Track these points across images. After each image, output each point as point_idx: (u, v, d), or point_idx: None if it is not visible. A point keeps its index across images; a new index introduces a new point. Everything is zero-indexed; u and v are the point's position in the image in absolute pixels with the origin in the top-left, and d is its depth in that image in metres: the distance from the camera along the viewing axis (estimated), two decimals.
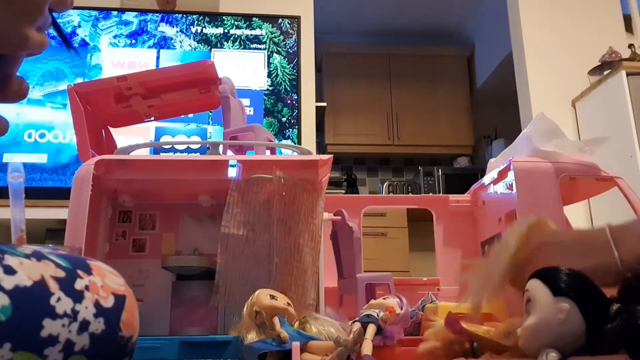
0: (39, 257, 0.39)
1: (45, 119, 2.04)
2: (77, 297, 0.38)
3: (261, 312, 0.69)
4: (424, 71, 3.85)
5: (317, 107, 2.55)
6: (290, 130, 2.26)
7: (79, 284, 0.39)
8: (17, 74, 0.43)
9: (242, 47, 2.32)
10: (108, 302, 0.41)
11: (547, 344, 0.50)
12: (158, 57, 2.24)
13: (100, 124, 1.03)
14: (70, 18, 2.21)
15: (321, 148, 3.68)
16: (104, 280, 0.42)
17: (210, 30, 2.31)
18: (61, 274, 0.39)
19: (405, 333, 0.75)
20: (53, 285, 0.37)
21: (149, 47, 2.25)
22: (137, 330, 0.43)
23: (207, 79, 1.00)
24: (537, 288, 0.53)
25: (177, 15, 2.29)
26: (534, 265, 0.57)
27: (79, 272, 0.40)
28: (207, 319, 0.87)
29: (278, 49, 2.34)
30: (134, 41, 2.25)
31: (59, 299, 0.37)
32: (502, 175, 0.98)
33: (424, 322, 0.78)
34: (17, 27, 0.38)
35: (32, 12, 0.38)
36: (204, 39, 2.30)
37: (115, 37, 2.23)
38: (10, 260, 0.36)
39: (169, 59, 2.25)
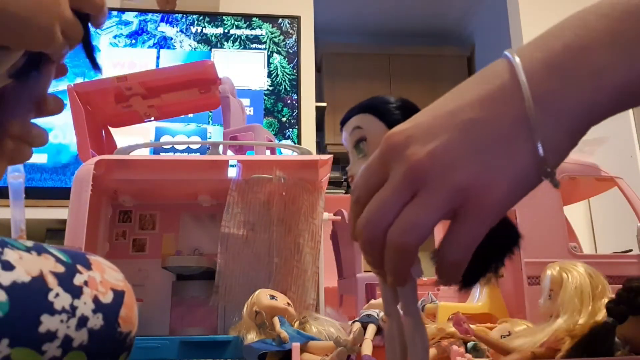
0: (40, 250, 0.39)
1: (45, 119, 2.04)
2: (76, 292, 0.38)
3: (261, 312, 0.68)
4: (424, 71, 3.84)
5: (317, 107, 2.55)
6: (290, 130, 2.26)
7: (78, 280, 0.39)
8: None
9: (242, 47, 2.32)
10: (107, 298, 0.41)
11: None
12: (158, 57, 2.24)
13: (100, 124, 1.03)
14: None
15: (321, 148, 3.68)
16: (103, 276, 0.42)
17: (210, 30, 2.31)
18: (61, 269, 0.39)
19: None
20: (52, 281, 0.37)
21: (149, 47, 2.25)
22: (136, 326, 0.43)
23: (207, 79, 1.00)
24: (370, 123, 0.45)
25: (177, 15, 2.29)
26: None
27: (79, 267, 0.40)
28: (207, 319, 0.87)
29: (278, 49, 2.34)
30: (134, 41, 2.25)
31: (57, 295, 0.37)
32: None
33: None
34: (46, 20, 0.38)
35: (58, 7, 0.39)
36: (204, 39, 2.30)
37: (115, 37, 2.23)
38: (9, 255, 0.36)
39: (169, 59, 2.25)
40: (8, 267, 0.35)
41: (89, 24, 0.44)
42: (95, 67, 0.47)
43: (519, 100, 0.27)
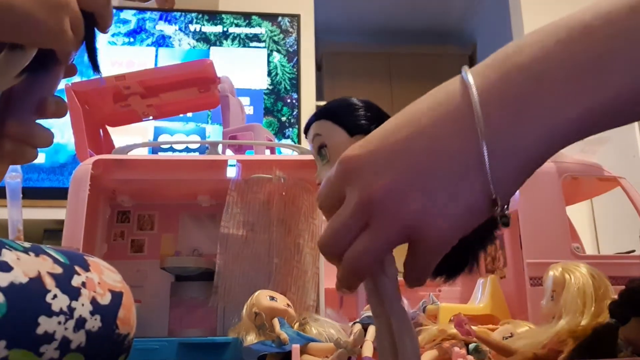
0: (37, 251, 0.39)
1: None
2: (74, 294, 0.38)
3: (261, 314, 0.68)
4: (424, 71, 3.84)
5: (317, 106, 2.55)
6: (290, 129, 2.25)
7: (75, 281, 0.39)
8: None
9: (242, 45, 2.31)
10: (105, 299, 0.41)
11: None
12: (157, 56, 2.24)
13: (98, 124, 1.03)
14: None
15: None
16: (101, 277, 0.42)
17: (209, 29, 2.30)
18: (58, 270, 0.39)
19: None
20: (49, 282, 0.37)
21: (148, 45, 2.25)
22: (134, 327, 0.43)
23: (206, 78, 1.00)
24: (328, 129, 0.44)
25: (175, 13, 2.28)
26: None
27: (77, 268, 0.40)
28: (206, 320, 0.87)
29: (278, 47, 2.33)
30: (132, 40, 2.24)
31: (55, 296, 0.37)
32: None
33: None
34: (56, 17, 0.38)
35: (67, 3, 0.39)
36: (203, 38, 2.29)
37: (113, 35, 2.22)
38: (7, 255, 0.36)
39: (168, 58, 2.24)
40: (6, 268, 0.35)
41: (95, 28, 0.44)
42: (96, 68, 0.47)
43: (473, 133, 0.27)
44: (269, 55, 2.32)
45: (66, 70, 0.45)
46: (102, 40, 2.20)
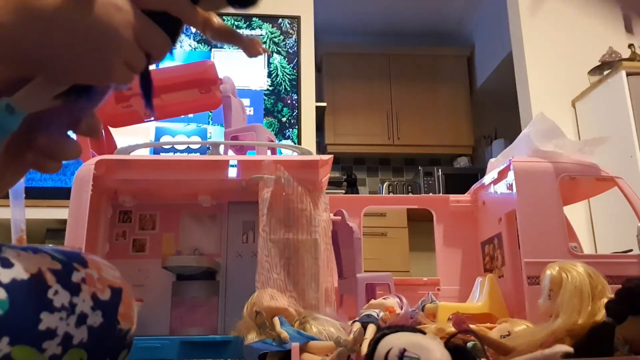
0: (35, 249, 0.39)
1: None
2: (74, 290, 0.38)
3: (261, 312, 0.68)
4: (424, 71, 3.84)
5: (317, 107, 2.55)
6: (290, 130, 2.26)
7: (75, 277, 0.39)
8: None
9: None
10: (105, 295, 0.41)
11: None
12: None
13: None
14: None
15: (321, 148, 3.68)
16: (100, 273, 0.42)
17: None
18: (57, 266, 0.39)
19: None
20: (50, 278, 0.37)
21: None
22: (135, 323, 0.43)
23: (207, 79, 1.00)
24: None
25: None
26: None
27: (75, 264, 0.40)
28: (208, 318, 0.87)
29: (278, 49, 2.34)
30: None
31: (56, 292, 0.37)
32: (502, 175, 0.98)
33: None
34: (102, 56, 0.36)
35: (118, 43, 0.36)
36: (204, 39, 2.30)
37: None
38: (7, 252, 0.36)
39: (169, 59, 2.24)
40: (7, 264, 0.35)
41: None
42: (149, 105, 0.44)
43: None
44: (269, 57, 2.32)
45: None
46: None
